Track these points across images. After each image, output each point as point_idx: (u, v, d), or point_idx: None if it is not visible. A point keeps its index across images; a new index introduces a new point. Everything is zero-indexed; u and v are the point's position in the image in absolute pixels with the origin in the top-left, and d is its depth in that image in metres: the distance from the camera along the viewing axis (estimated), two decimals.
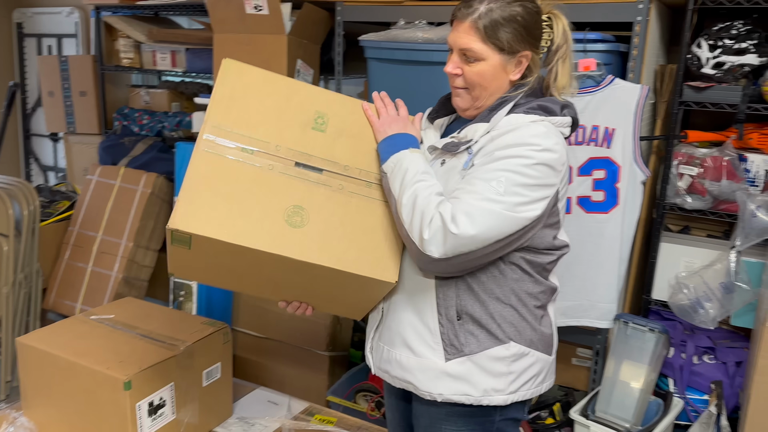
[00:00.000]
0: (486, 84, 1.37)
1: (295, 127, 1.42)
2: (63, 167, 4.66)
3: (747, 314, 2.10)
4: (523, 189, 1.27)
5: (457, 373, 1.38)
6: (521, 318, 1.40)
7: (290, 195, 1.36)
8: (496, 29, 1.32)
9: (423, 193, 1.30)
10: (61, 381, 1.82)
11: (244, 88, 1.42)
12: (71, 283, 3.03)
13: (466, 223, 1.24)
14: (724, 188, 2.08)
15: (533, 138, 1.29)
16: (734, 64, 2.06)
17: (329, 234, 1.35)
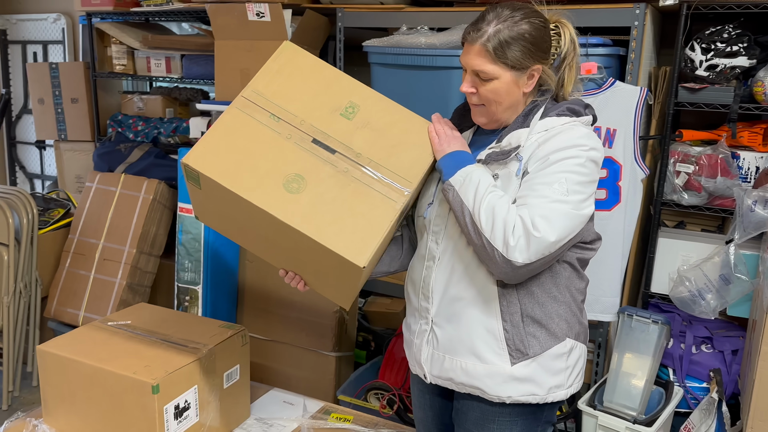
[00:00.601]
0: (501, 100, 1.44)
1: (324, 109, 1.51)
2: (50, 175, 4.61)
3: (742, 304, 2.20)
4: (581, 187, 1.35)
5: (524, 375, 1.44)
6: (572, 313, 1.47)
7: (297, 164, 1.45)
8: (505, 49, 1.38)
9: (500, 203, 1.34)
10: (86, 387, 1.83)
11: (292, 67, 1.54)
12: (73, 291, 3.02)
13: (545, 226, 1.30)
14: (719, 185, 2.18)
15: (581, 139, 1.38)
16: (726, 66, 2.16)
17: (318, 207, 1.42)
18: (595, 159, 1.39)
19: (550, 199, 1.33)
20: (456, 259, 1.48)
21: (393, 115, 1.54)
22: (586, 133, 1.40)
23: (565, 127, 1.40)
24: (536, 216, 1.31)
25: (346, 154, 1.48)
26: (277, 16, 2.61)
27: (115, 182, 3.08)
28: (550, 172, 1.35)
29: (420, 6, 2.62)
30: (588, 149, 1.38)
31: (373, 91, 1.57)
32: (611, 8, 2.17)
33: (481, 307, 1.45)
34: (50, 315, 3.07)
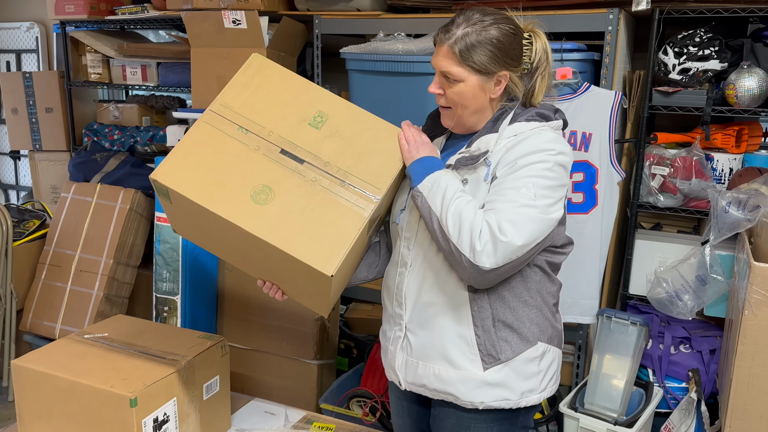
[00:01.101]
0: (466, 103, 1.45)
1: (292, 119, 1.52)
2: (25, 186, 4.54)
3: (719, 304, 2.22)
4: (549, 191, 1.36)
5: (496, 380, 1.45)
6: (544, 317, 1.48)
7: (265, 175, 1.46)
8: (471, 52, 1.39)
9: (467, 208, 1.35)
10: (62, 402, 1.79)
11: (260, 79, 1.55)
12: (50, 303, 2.97)
13: (512, 230, 1.31)
14: (694, 186, 2.21)
15: (548, 143, 1.39)
16: (698, 70, 2.19)
17: (286, 217, 1.42)
18: (563, 163, 1.40)
19: (518, 203, 1.33)
20: (427, 265, 1.48)
21: (362, 123, 1.53)
22: (554, 137, 1.41)
23: (534, 132, 1.41)
24: (503, 220, 1.32)
25: (315, 163, 1.48)
26: (254, 23, 2.60)
27: (91, 192, 3.04)
28: (517, 177, 1.36)
29: (397, 13, 2.63)
30: (555, 153, 1.38)
31: (342, 100, 1.57)
32: (585, 14, 2.19)
33: (453, 312, 1.45)
34: (26, 328, 3.02)
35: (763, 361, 1.75)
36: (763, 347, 1.75)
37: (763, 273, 1.71)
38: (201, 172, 1.46)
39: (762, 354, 1.75)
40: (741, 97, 2.12)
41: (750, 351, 1.77)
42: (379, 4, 2.63)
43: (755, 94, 2.11)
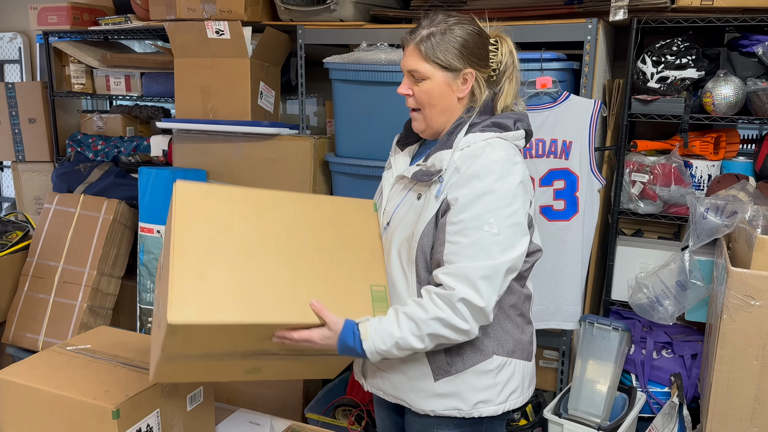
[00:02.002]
0: (434, 102, 1.46)
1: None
2: (8, 197, 4.51)
3: (700, 309, 2.25)
4: (510, 218, 1.36)
5: (447, 391, 1.46)
6: (503, 330, 1.48)
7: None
8: (436, 49, 1.42)
9: (419, 324, 1.36)
10: (44, 415, 1.78)
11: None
12: (32, 315, 2.94)
13: (486, 288, 1.34)
14: (673, 193, 2.24)
15: (495, 165, 1.37)
16: (676, 78, 2.22)
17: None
18: (515, 183, 1.39)
19: (482, 245, 1.34)
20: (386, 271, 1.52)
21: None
22: (502, 156, 1.39)
23: (484, 147, 1.41)
24: (476, 278, 1.33)
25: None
26: (237, 33, 2.61)
27: (74, 203, 3.02)
28: (475, 215, 1.36)
29: (379, 23, 2.65)
30: (505, 175, 1.37)
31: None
32: (565, 24, 2.22)
33: None
34: (8, 341, 2.99)
35: (741, 365, 1.78)
36: (742, 351, 1.77)
37: (740, 278, 1.74)
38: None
39: (740, 358, 1.77)
40: (718, 105, 2.16)
41: (729, 355, 1.79)
42: (362, 14, 2.65)
43: (731, 102, 2.14)
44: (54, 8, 3.18)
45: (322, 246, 1.49)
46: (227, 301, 1.37)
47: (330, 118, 3.01)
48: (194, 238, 1.41)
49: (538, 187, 2.24)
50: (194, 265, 1.38)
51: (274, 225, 1.49)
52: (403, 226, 1.48)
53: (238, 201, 1.49)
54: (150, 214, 2.74)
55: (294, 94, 3.23)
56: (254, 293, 1.39)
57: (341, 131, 2.59)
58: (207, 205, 1.45)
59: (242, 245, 1.44)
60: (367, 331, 1.38)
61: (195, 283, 1.36)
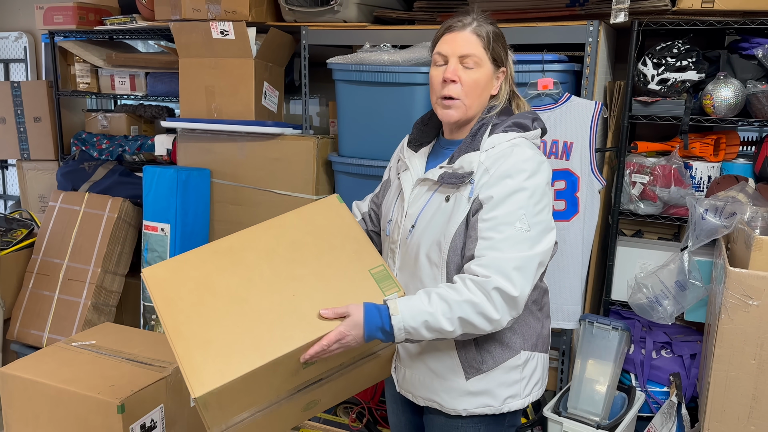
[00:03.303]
0: (479, 92, 1.47)
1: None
2: (12, 195, 4.54)
3: (699, 309, 2.27)
4: (539, 215, 1.40)
5: (478, 389, 1.48)
6: (527, 326, 1.51)
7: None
8: (491, 40, 1.45)
9: (452, 308, 1.34)
10: (50, 409, 1.81)
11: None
12: (37, 312, 2.97)
13: (519, 278, 1.35)
14: (673, 194, 2.26)
15: (525, 164, 1.41)
16: (677, 80, 2.24)
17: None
18: (542, 181, 1.43)
19: (515, 240, 1.36)
20: (409, 276, 1.52)
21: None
22: (530, 155, 1.43)
23: (511, 147, 1.44)
24: (510, 269, 1.34)
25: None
26: (242, 34, 2.64)
27: (79, 201, 3.05)
28: (508, 212, 1.38)
29: (382, 24, 2.67)
30: (533, 174, 1.41)
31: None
32: (566, 25, 2.24)
33: None
34: (13, 337, 3.02)
35: (739, 365, 1.79)
36: (740, 351, 1.79)
37: (738, 278, 1.76)
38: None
39: (738, 357, 1.79)
40: (718, 107, 2.18)
41: (727, 354, 1.81)
42: (366, 15, 2.67)
43: (731, 104, 2.16)
44: (60, 8, 3.21)
45: (306, 259, 1.49)
46: (239, 353, 1.35)
47: (333, 118, 3.03)
48: (182, 312, 1.41)
49: None
50: (193, 336, 1.38)
51: (252, 263, 1.49)
52: (431, 230, 1.47)
53: (207, 259, 1.50)
54: (154, 212, 2.76)
55: (297, 95, 3.26)
56: (261, 333, 1.38)
57: (344, 131, 2.61)
58: (180, 278, 1.47)
59: (230, 296, 1.44)
60: (397, 307, 1.35)
61: (201, 351, 1.36)
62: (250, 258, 1.49)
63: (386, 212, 1.62)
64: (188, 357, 1.34)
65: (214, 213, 2.89)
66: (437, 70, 1.48)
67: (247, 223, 2.82)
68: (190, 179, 2.76)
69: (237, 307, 1.42)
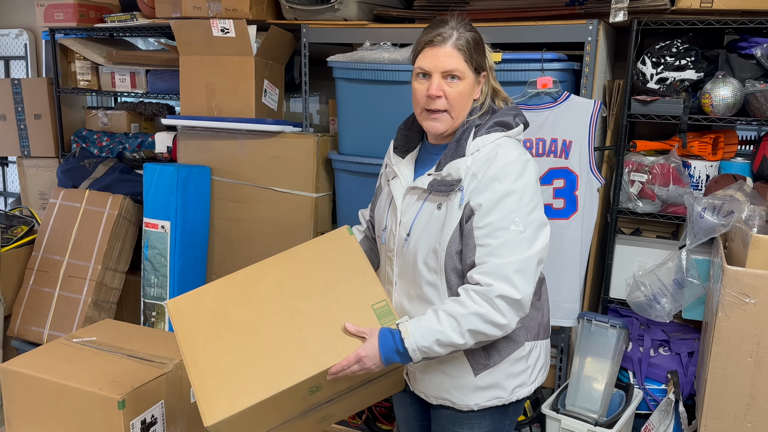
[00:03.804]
0: (464, 102, 1.49)
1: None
2: (12, 192, 4.54)
3: (696, 307, 2.28)
4: (531, 214, 1.42)
5: (488, 383, 1.52)
6: (529, 317, 1.53)
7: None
8: (471, 50, 1.46)
9: (459, 319, 1.39)
10: (50, 405, 1.82)
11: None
12: (37, 308, 2.98)
13: (521, 281, 1.38)
14: (672, 193, 2.27)
15: (511, 166, 1.43)
16: (675, 79, 2.25)
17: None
18: (530, 180, 1.44)
19: (513, 244, 1.39)
20: (409, 282, 1.54)
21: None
22: (515, 157, 1.44)
23: (497, 149, 1.45)
24: (511, 273, 1.38)
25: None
26: (242, 32, 2.64)
27: (79, 198, 3.06)
28: (501, 215, 1.40)
29: (382, 23, 2.68)
30: (521, 175, 1.42)
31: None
32: (566, 24, 2.25)
33: None
34: (14, 333, 3.03)
35: (736, 362, 1.81)
36: (736, 348, 1.80)
37: (735, 276, 1.77)
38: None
39: (735, 355, 1.80)
40: (716, 106, 2.19)
41: (724, 352, 1.82)
42: (366, 14, 2.68)
43: (730, 103, 2.17)
44: (61, 5, 3.21)
45: (313, 292, 1.55)
46: (248, 385, 1.43)
47: (333, 116, 3.04)
48: (199, 343, 1.51)
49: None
50: (209, 367, 1.47)
51: (264, 296, 1.56)
52: (426, 237, 1.50)
53: (226, 291, 1.59)
54: (154, 209, 2.77)
55: (297, 93, 3.26)
56: (268, 366, 1.46)
57: (344, 129, 2.62)
58: (200, 310, 1.56)
59: (242, 328, 1.52)
60: (408, 330, 1.40)
61: (215, 382, 1.45)
62: (263, 291, 1.57)
63: (380, 220, 1.65)
64: (202, 387, 1.44)
65: (214, 210, 2.90)
66: (420, 84, 1.49)
67: (247, 220, 2.86)
68: (190, 177, 2.77)
69: (248, 340, 1.50)
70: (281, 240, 2.78)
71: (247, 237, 2.85)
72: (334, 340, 1.46)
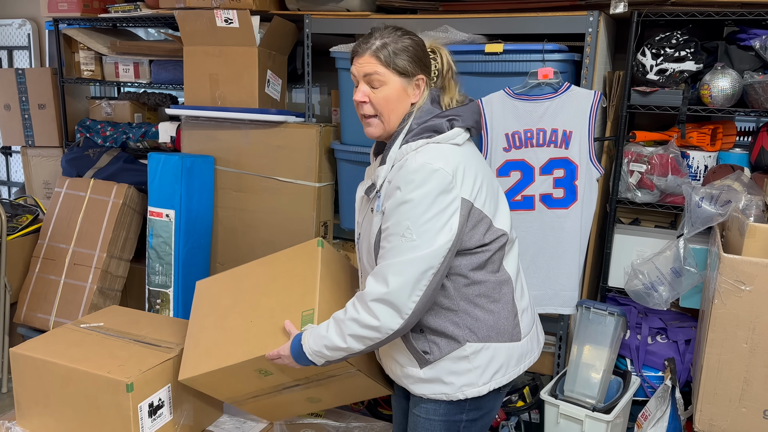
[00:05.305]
0: (392, 107, 1.54)
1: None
2: (16, 181, 4.57)
3: (693, 296, 2.32)
4: (427, 224, 1.43)
5: (430, 377, 1.58)
6: (473, 318, 1.55)
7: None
8: (393, 57, 1.51)
9: (343, 326, 1.50)
10: (60, 388, 1.85)
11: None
12: (43, 296, 3.02)
13: (394, 279, 1.43)
14: (670, 183, 2.30)
15: (412, 175, 1.44)
16: (675, 71, 2.28)
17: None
18: (426, 193, 1.43)
19: (400, 249, 1.43)
20: (363, 276, 1.65)
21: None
22: (418, 166, 1.45)
23: (409, 157, 1.49)
24: (389, 274, 1.43)
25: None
26: (246, 22, 2.66)
27: (84, 187, 3.09)
28: (396, 223, 1.45)
29: (385, 13, 2.70)
30: (414, 188, 1.43)
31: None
32: (566, 16, 2.27)
33: None
34: (20, 320, 3.06)
35: (731, 348, 1.84)
36: (732, 335, 1.84)
37: (732, 264, 1.80)
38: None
39: (730, 341, 1.84)
40: (715, 97, 2.21)
41: (719, 338, 1.85)
42: (368, 4, 2.70)
43: (728, 94, 2.20)
44: None
45: (272, 293, 1.81)
46: (207, 357, 1.79)
47: (335, 106, 3.07)
48: (197, 318, 1.94)
49: (538, 176, 2.30)
50: (193, 337, 1.90)
51: (244, 289, 1.90)
52: (365, 236, 1.61)
53: (228, 280, 1.99)
54: (159, 198, 2.80)
55: (299, 84, 3.29)
56: (223, 345, 1.78)
57: (347, 119, 2.64)
58: (210, 292, 2.00)
59: (223, 313, 1.88)
60: (306, 336, 1.57)
61: (193, 350, 1.85)
62: (245, 286, 1.90)
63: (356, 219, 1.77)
64: (187, 351, 1.88)
65: (218, 200, 2.93)
66: (354, 91, 1.58)
67: (250, 209, 2.89)
68: (194, 166, 2.80)
69: (222, 321, 1.85)
70: (284, 229, 2.81)
71: (251, 226, 2.88)
72: (266, 335, 1.69)
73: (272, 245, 2.84)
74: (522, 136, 2.29)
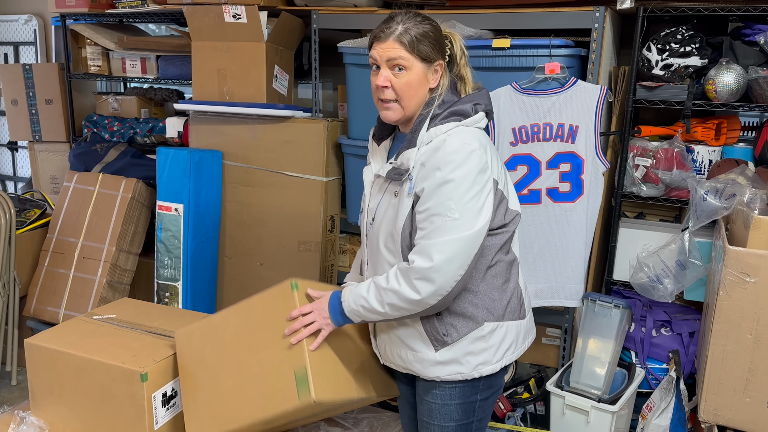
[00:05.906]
0: (414, 92, 1.56)
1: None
2: (23, 177, 4.60)
3: (698, 289, 2.34)
4: (469, 202, 1.47)
5: (447, 359, 1.59)
6: (490, 299, 1.59)
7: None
8: (416, 43, 1.53)
9: (383, 294, 1.52)
10: (74, 378, 1.88)
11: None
12: (53, 289, 3.04)
13: (438, 256, 1.45)
14: (675, 177, 2.32)
15: (452, 156, 1.48)
16: (680, 66, 2.30)
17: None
18: (470, 170, 1.47)
19: (445, 229, 1.46)
20: (375, 262, 1.66)
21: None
22: (458, 146, 1.49)
23: (445, 139, 1.51)
24: (433, 251, 1.45)
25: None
26: (253, 17, 2.68)
27: (93, 181, 3.11)
28: (438, 202, 1.47)
29: (392, 8, 2.72)
30: (460, 164, 1.47)
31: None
32: (573, 11, 2.29)
33: None
34: (30, 314, 3.09)
35: (736, 339, 1.87)
36: (736, 326, 1.86)
37: (736, 256, 1.83)
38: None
39: (735, 332, 1.87)
40: (720, 92, 2.23)
41: (724, 330, 1.88)
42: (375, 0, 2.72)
43: (733, 89, 2.22)
44: None
45: (258, 348, 1.69)
46: (212, 420, 1.74)
47: (342, 101, 3.09)
48: (186, 374, 1.82)
49: (544, 170, 2.32)
50: (189, 396, 1.81)
51: (227, 343, 1.76)
52: (386, 223, 1.61)
53: (208, 331, 1.81)
54: (168, 192, 2.83)
55: (305, 79, 3.31)
56: (225, 408, 1.72)
57: (354, 114, 2.66)
58: (192, 346, 1.84)
59: (212, 371, 1.77)
60: (345, 294, 1.59)
61: (193, 413, 1.79)
62: (227, 338, 1.77)
63: (362, 204, 1.76)
64: (186, 411, 1.82)
65: (226, 194, 2.95)
66: (373, 76, 1.58)
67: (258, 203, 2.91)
68: (202, 160, 2.83)
69: (214, 381, 1.76)
70: (291, 223, 2.84)
71: (258, 220, 2.91)
72: (262, 395, 1.65)
73: (279, 239, 2.87)
74: (529, 130, 2.31)
